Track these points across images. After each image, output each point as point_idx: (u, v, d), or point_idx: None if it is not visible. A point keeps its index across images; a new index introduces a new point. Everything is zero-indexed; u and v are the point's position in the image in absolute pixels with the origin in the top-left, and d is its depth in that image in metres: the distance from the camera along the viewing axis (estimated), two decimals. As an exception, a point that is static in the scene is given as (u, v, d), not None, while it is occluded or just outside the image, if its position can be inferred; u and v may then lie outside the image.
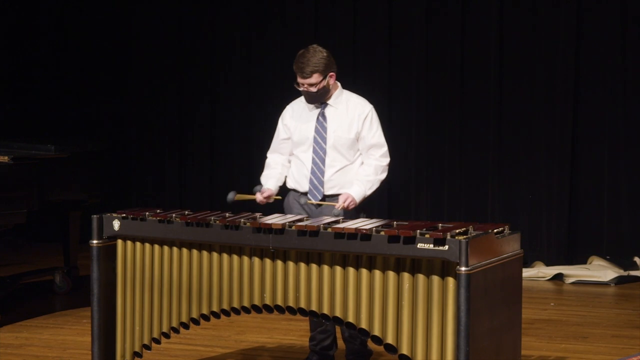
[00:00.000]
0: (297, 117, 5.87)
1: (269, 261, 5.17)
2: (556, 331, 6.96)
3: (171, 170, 10.16)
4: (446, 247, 4.68)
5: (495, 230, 4.93)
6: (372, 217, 5.30)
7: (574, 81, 8.90)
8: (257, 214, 5.35)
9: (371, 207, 8.98)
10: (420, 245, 4.74)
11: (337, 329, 5.97)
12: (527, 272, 8.53)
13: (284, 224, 5.08)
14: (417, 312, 4.81)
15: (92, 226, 5.53)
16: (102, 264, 5.53)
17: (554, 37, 8.94)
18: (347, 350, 5.93)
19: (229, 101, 9.93)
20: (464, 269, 4.64)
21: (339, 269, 4.99)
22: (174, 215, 5.38)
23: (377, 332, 4.91)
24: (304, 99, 5.83)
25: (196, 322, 5.43)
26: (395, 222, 4.98)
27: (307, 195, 5.79)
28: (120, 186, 9.66)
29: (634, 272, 8.62)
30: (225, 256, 5.28)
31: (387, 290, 4.87)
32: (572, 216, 8.97)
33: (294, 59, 5.73)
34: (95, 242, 5.52)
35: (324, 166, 5.77)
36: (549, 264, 8.91)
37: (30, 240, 10.20)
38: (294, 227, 5.05)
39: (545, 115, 8.99)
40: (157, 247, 5.47)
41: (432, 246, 4.71)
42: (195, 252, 5.37)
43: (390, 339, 4.88)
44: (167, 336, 5.54)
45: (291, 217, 5.28)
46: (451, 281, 4.72)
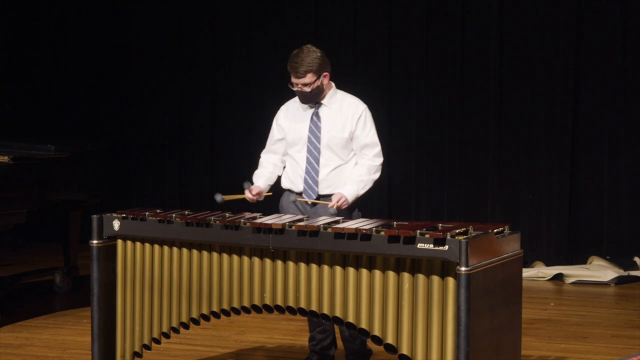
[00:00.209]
0: (291, 117, 5.87)
1: (269, 261, 5.17)
2: (556, 331, 6.96)
3: (171, 170, 10.16)
4: (446, 247, 4.68)
5: (495, 230, 4.93)
6: (371, 217, 5.29)
7: (574, 81, 8.90)
8: (257, 214, 5.36)
9: (371, 207, 9.06)
10: (420, 245, 4.74)
11: (336, 329, 5.97)
12: (527, 272, 8.53)
13: (284, 224, 5.08)
14: (417, 312, 4.81)
15: (92, 226, 5.53)
16: (102, 264, 5.53)
17: (554, 37, 8.93)
18: (347, 350, 5.93)
19: (229, 101, 9.92)
20: (464, 269, 4.64)
21: (339, 269, 4.99)
22: (174, 215, 5.38)
23: (377, 332, 4.91)
24: (298, 99, 5.83)
25: (196, 322, 5.43)
26: (395, 222, 4.97)
27: (301, 194, 5.79)
28: (120, 186, 9.66)
29: (634, 272, 8.61)
30: (225, 256, 5.28)
31: (387, 290, 4.87)
32: (572, 216, 8.97)
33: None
34: (95, 242, 5.52)
35: (318, 166, 5.76)
36: (549, 264, 8.91)
37: (30, 240, 10.19)
38: (294, 227, 5.05)
39: (545, 115, 8.99)
40: (157, 247, 5.47)
41: (432, 246, 4.71)
42: (195, 252, 5.37)
43: (390, 339, 4.88)
44: (167, 336, 5.54)
45: (291, 217, 5.28)
46: (451, 281, 4.72)
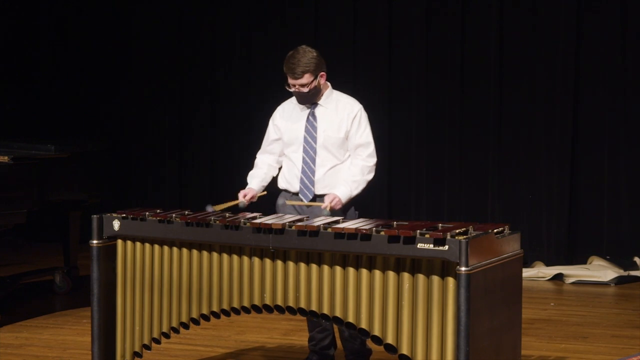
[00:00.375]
0: (287, 117, 5.87)
1: (269, 261, 5.17)
2: (556, 331, 6.96)
3: (171, 170, 10.16)
4: (446, 247, 4.68)
5: (495, 230, 4.93)
6: (371, 217, 5.29)
7: (574, 81, 8.90)
8: (257, 214, 5.36)
9: (371, 207, 9.08)
10: (420, 245, 4.74)
11: (336, 328, 5.96)
12: (527, 272, 8.53)
13: (284, 224, 5.08)
14: (417, 312, 4.81)
15: (92, 226, 5.53)
16: (102, 264, 5.53)
17: (554, 37, 8.93)
18: (347, 350, 5.93)
19: (229, 101, 9.92)
20: (464, 269, 4.64)
21: (339, 269, 4.99)
22: (174, 215, 5.38)
23: (377, 332, 4.91)
24: (296, 99, 5.82)
25: (196, 322, 5.43)
26: (395, 222, 4.97)
27: (297, 195, 5.78)
28: (120, 186, 9.66)
29: (634, 272, 8.61)
30: (225, 256, 5.28)
31: (387, 290, 4.87)
32: (572, 216, 8.97)
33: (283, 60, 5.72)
34: (95, 242, 5.52)
35: (314, 166, 5.76)
36: (549, 264, 8.91)
37: (30, 240, 10.19)
38: (294, 227, 5.05)
39: (545, 115, 8.99)
40: (157, 247, 5.47)
41: (432, 246, 4.71)
42: (195, 252, 5.36)
43: (390, 339, 4.88)
44: (167, 336, 5.54)
45: (291, 217, 5.28)
46: (451, 281, 4.71)
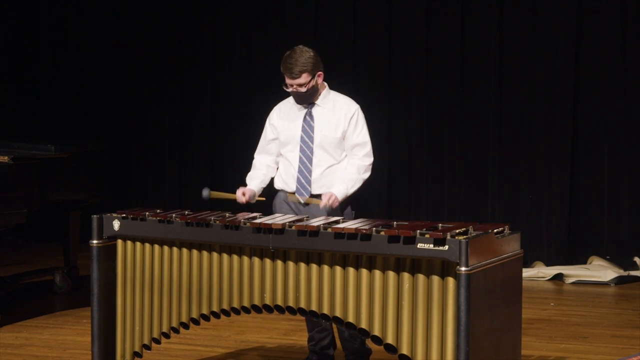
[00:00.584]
0: (284, 116, 5.87)
1: (269, 261, 5.17)
2: (556, 331, 6.96)
3: (171, 170, 10.16)
4: (446, 247, 4.68)
5: (495, 230, 4.93)
6: (371, 217, 5.29)
7: (574, 81, 8.90)
8: (257, 214, 5.36)
9: (371, 207, 9.09)
10: (420, 245, 4.74)
11: (335, 328, 5.95)
12: (527, 272, 8.52)
13: (284, 224, 5.08)
14: (417, 312, 4.81)
15: (92, 226, 5.53)
16: (102, 264, 5.53)
17: (554, 37, 8.93)
18: (346, 350, 5.92)
19: (229, 101, 9.92)
20: (464, 269, 4.64)
21: (339, 269, 4.99)
22: (174, 215, 5.38)
23: (377, 332, 4.91)
24: (293, 99, 5.82)
25: (196, 322, 5.43)
26: (395, 222, 4.97)
27: (294, 195, 5.78)
28: (120, 186, 9.66)
29: (634, 272, 8.61)
30: (225, 256, 5.28)
31: (387, 290, 4.87)
32: (572, 216, 8.97)
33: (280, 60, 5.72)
34: (95, 242, 5.52)
35: (311, 165, 5.76)
36: (549, 264, 8.91)
37: (30, 240, 10.19)
38: (294, 227, 5.05)
39: (545, 115, 8.98)
40: (157, 247, 5.46)
41: (432, 246, 4.71)
42: (195, 252, 5.36)
43: (390, 339, 4.88)
44: (167, 336, 5.54)
45: (291, 217, 5.28)
46: (451, 281, 4.71)
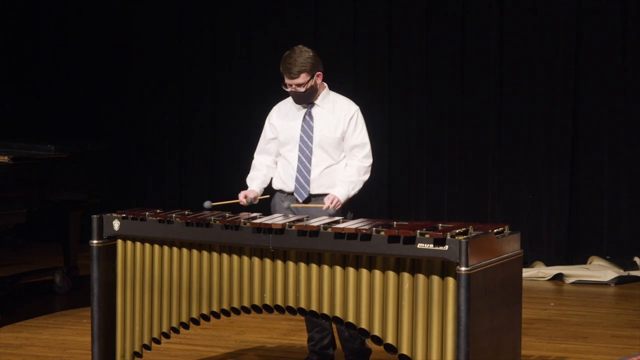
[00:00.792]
0: (283, 116, 5.87)
1: (269, 261, 5.17)
2: (556, 331, 6.96)
3: (171, 170, 10.16)
4: (446, 247, 4.68)
5: (495, 230, 4.93)
6: (371, 217, 5.29)
7: (574, 81, 8.90)
8: (257, 214, 5.36)
9: (371, 207, 9.08)
10: (420, 245, 4.74)
11: (335, 328, 5.95)
12: (527, 272, 8.52)
13: (284, 224, 5.08)
14: (417, 312, 4.81)
15: (92, 226, 5.53)
16: (102, 264, 5.53)
17: (554, 37, 8.93)
18: (346, 350, 5.92)
19: (229, 101, 9.92)
20: (464, 269, 4.64)
21: (339, 269, 4.99)
22: (174, 215, 5.38)
23: (377, 332, 4.91)
24: (293, 99, 5.82)
25: (196, 322, 5.43)
26: (395, 222, 4.97)
27: (292, 195, 5.77)
28: (120, 186, 9.66)
29: (634, 272, 8.61)
30: (225, 256, 5.28)
31: (387, 290, 4.87)
32: (572, 216, 8.97)
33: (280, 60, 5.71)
34: (95, 242, 5.52)
35: (310, 165, 5.75)
36: (549, 264, 8.91)
37: (30, 240, 10.19)
38: (294, 227, 5.05)
39: (545, 115, 8.98)
40: (157, 247, 5.47)
41: (432, 246, 4.71)
42: (195, 252, 5.36)
43: (390, 339, 4.88)
44: (167, 336, 5.54)
45: (291, 217, 5.28)
46: (451, 281, 4.71)
